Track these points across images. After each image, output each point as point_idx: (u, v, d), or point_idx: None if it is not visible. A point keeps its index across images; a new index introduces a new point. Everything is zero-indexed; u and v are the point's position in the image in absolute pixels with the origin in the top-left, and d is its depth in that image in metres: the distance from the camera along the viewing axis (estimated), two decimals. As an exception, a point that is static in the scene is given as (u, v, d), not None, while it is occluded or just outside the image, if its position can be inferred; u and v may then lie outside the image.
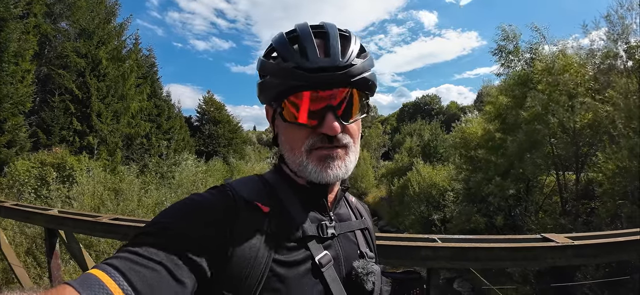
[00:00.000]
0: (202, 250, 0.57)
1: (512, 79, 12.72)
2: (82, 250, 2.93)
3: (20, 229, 6.72)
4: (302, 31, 0.69)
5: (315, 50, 0.66)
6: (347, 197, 0.87)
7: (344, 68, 0.65)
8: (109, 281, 0.47)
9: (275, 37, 0.74)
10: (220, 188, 0.70)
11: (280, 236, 0.66)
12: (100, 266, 0.50)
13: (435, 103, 47.73)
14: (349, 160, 0.70)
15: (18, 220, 5.49)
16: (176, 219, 0.60)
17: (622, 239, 1.92)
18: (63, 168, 9.84)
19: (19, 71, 10.14)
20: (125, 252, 0.53)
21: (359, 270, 0.71)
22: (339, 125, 0.66)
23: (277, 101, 0.70)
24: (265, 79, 0.71)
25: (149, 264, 0.51)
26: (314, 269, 0.66)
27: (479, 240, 1.95)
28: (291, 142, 0.70)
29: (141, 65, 17.99)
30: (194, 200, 0.65)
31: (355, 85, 0.67)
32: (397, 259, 1.88)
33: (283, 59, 0.68)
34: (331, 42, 0.67)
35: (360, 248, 0.79)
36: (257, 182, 0.75)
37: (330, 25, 0.71)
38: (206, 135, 26.33)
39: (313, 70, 0.64)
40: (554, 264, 1.90)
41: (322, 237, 0.71)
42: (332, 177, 0.68)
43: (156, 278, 0.51)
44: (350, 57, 0.67)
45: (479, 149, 13.98)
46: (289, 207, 0.71)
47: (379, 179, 29.28)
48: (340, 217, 0.79)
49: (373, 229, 0.92)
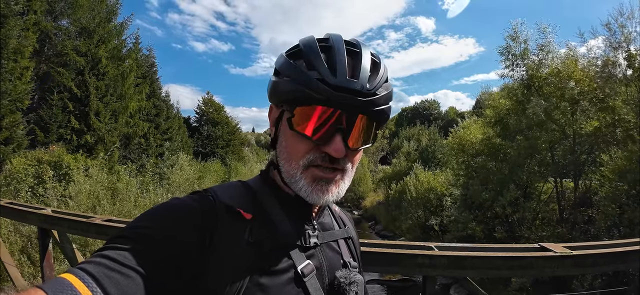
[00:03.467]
0: (180, 256, 0.56)
1: (517, 82, 12.45)
2: (75, 251, 2.90)
3: (15, 227, 6.66)
4: (335, 43, 0.66)
5: (344, 68, 0.62)
6: (330, 206, 0.85)
7: (369, 95, 0.63)
8: (81, 286, 0.46)
9: (305, 39, 0.70)
10: (201, 193, 0.68)
11: (262, 244, 0.64)
12: (73, 270, 0.49)
13: (434, 108, 47.88)
14: (343, 184, 0.68)
15: (12, 219, 5.44)
16: (154, 223, 0.58)
17: (621, 249, 1.92)
18: (60, 166, 9.78)
19: (17, 68, 10.10)
20: (99, 257, 0.51)
21: (341, 280, 0.70)
22: (344, 149, 0.63)
23: (289, 106, 0.66)
24: (282, 79, 0.67)
25: (123, 270, 0.50)
26: (296, 279, 0.65)
27: (476, 249, 1.93)
28: (291, 151, 0.67)
29: (141, 65, 17.94)
30: (174, 204, 0.63)
31: (374, 115, 0.65)
32: (394, 266, 1.86)
33: (308, 65, 0.64)
34: (363, 64, 0.64)
35: (343, 257, 0.77)
36: (240, 188, 0.73)
37: (363, 46, 0.69)
38: (204, 136, 26.28)
39: (337, 88, 0.61)
40: (552, 274, 1.89)
41: (304, 246, 0.69)
42: (322, 201, 0.66)
43: (130, 284, 0.49)
44: (377, 86, 0.64)
45: (477, 156, 13.92)
46: (272, 215, 0.69)
47: (376, 183, 29.27)
48: (324, 226, 0.78)
49: (357, 238, 0.90)
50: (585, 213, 10.06)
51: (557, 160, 11.25)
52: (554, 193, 11.64)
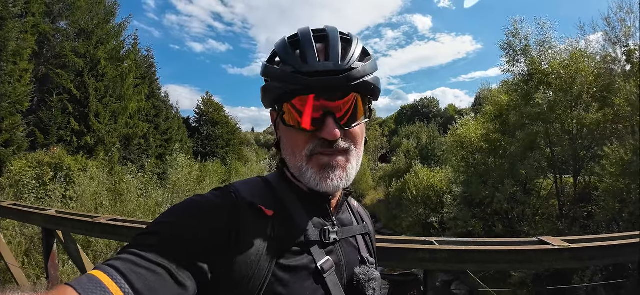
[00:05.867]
0: (204, 252, 0.57)
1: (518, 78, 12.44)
2: (80, 251, 2.92)
3: (20, 229, 6.68)
4: (303, 35, 0.69)
5: (314, 54, 0.65)
6: (349, 202, 0.86)
7: (344, 72, 0.64)
8: (110, 283, 0.47)
9: (277, 41, 0.73)
10: (223, 189, 0.70)
11: (283, 240, 0.65)
12: (102, 267, 0.50)
13: (433, 106, 47.76)
14: (350, 167, 0.69)
15: (16, 220, 5.46)
16: (179, 220, 0.60)
17: (618, 242, 1.94)
18: (60, 168, 9.80)
19: (17, 70, 10.10)
20: (126, 254, 0.53)
21: (360, 277, 0.71)
22: (339, 130, 0.65)
23: (278, 105, 0.69)
24: (268, 83, 0.71)
25: (150, 266, 0.51)
26: (316, 275, 0.66)
27: (475, 243, 1.96)
28: (292, 146, 0.69)
29: (140, 66, 17.92)
30: (197, 201, 0.65)
31: (355, 89, 0.66)
32: (395, 260, 1.89)
33: (284, 63, 0.67)
34: (331, 45, 0.66)
35: (361, 253, 0.78)
36: (260, 184, 0.74)
37: (331, 29, 0.70)
38: (204, 136, 26.26)
39: (312, 74, 0.63)
40: (550, 267, 1.91)
41: (324, 243, 0.70)
42: (331, 187, 0.67)
43: (157, 280, 0.51)
44: (351, 61, 0.65)
45: (476, 153, 13.92)
46: (292, 211, 0.70)
47: (376, 181, 29.28)
48: (343, 222, 0.79)
49: (374, 233, 0.91)
50: (585, 209, 10.09)
51: (557, 156, 11.26)
52: (554, 189, 11.66)
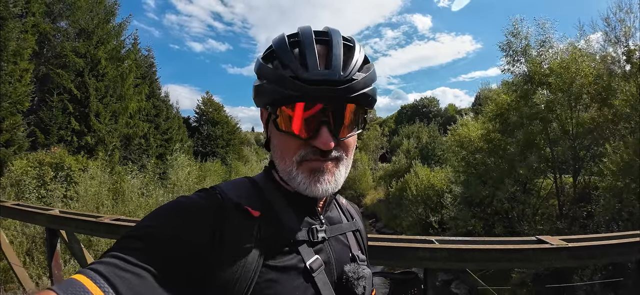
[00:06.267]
0: (189, 254, 0.56)
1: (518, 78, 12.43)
2: (83, 250, 2.94)
3: (21, 229, 6.70)
4: (304, 36, 0.66)
5: (315, 60, 0.62)
6: (337, 199, 0.86)
7: (345, 83, 0.62)
8: (93, 286, 0.46)
9: (276, 38, 0.70)
10: (209, 190, 0.68)
11: (271, 241, 0.64)
12: (85, 271, 0.49)
13: (433, 105, 47.79)
14: (339, 173, 0.68)
15: (19, 220, 5.48)
16: (163, 222, 0.59)
17: (616, 241, 1.97)
18: (61, 168, 9.82)
19: (17, 70, 10.10)
20: (110, 257, 0.52)
21: (350, 275, 0.71)
22: (333, 141, 0.64)
23: (272, 108, 0.67)
24: (261, 83, 0.68)
25: (134, 270, 0.50)
26: (305, 274, 0.65)
27: (475, 242, 1.98)
28: (283, 150, 0.68)
29: (140, 66, 17.94)
30: (182, 202, 0.64)
31: (354, 101, 0.64)
32: (395, 259, 1.91)
33: (282, 65, 0.64)
34: (334, 52, 0.64)
35: (352, 251, 0.78)
36: (247, 184, 0.73)
37: (334, 32, 0.68)
38: (204, 136, 26.28)
39: (311, 82, 0.61)
40: (549, 266, 1.94)
41: (312, 241, 0.69)
42: (320, 191, 0.66)
43: (141, 284, 0.50)
44: (352, 71, 0.64)
45: (476, 153, 13.94)
46: (279, 211, 0.69)
47: (377, 181, 29.31)
48: (331, 220, 0.78)
49: (364, 230, 0.90)
50: (585, 208, 10.11)
51: (556, 155, 11.29)
52: (554, 189, 11.69)
